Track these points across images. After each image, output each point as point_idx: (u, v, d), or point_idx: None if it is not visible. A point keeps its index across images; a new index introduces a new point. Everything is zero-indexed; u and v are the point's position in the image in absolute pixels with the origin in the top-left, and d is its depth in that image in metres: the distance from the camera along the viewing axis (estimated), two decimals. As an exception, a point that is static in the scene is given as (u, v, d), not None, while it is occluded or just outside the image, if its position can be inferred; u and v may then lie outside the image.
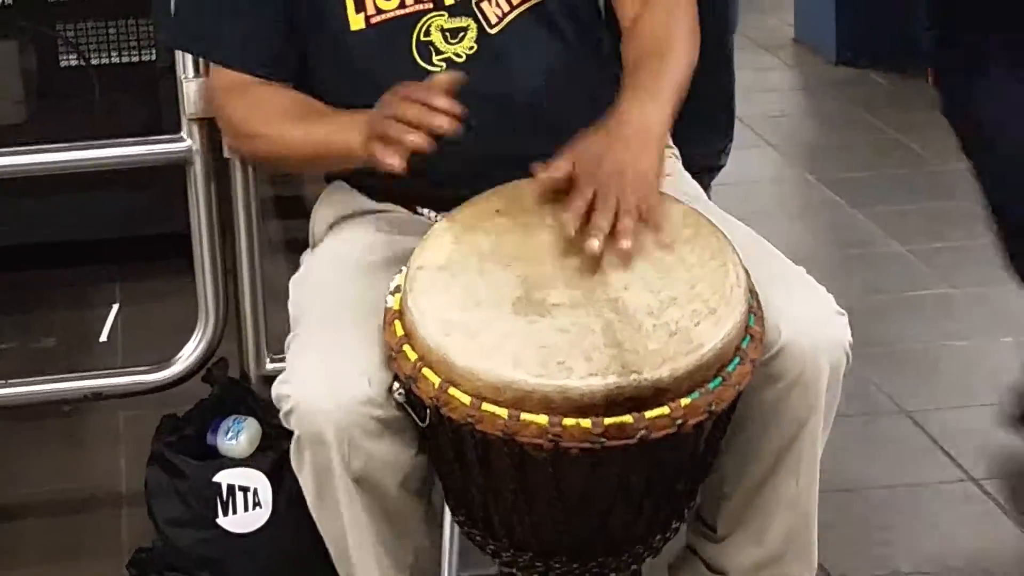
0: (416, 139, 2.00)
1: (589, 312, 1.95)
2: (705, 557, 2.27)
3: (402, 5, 2.25)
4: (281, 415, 2.10)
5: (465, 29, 2.25)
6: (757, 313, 2.03)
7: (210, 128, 2.78)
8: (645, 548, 2.12)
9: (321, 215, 2.43)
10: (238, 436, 2.74)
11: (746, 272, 2.04)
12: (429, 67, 2.24)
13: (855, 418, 3.30)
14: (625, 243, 2.01)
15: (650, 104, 2.15)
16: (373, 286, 2.12)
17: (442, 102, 2.02)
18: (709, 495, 2.24)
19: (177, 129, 2.83)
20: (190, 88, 2.76)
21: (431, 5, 2.25)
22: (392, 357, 2.00)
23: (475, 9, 2.26)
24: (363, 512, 2.10)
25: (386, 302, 2.05)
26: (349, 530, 2.12)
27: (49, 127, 3.82)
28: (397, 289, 2.05)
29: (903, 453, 3.22)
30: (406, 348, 1.98)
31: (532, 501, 2.01)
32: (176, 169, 2.88)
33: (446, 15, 2.25)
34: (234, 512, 2.70)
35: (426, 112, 2.02)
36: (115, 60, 3.98)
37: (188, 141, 2.82)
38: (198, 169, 2.83)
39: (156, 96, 3.67)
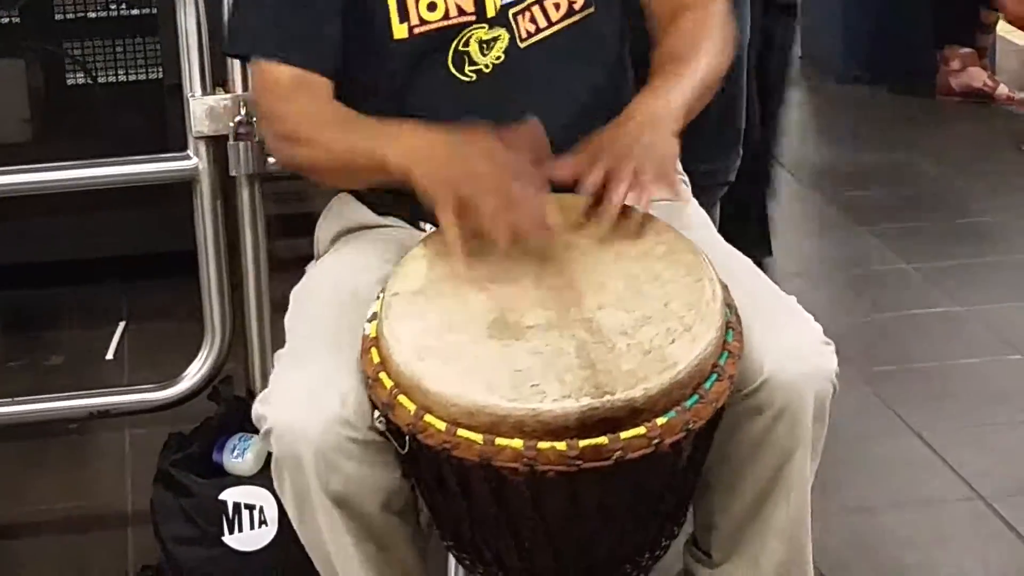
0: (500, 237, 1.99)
1: (563, 333, 1.93)
2: None
3: (446, 16, 2.24)
4: (260, 435, 2.08)
5: (497, 39, 2.25)
6: (736, 328, 2.00)
7: (216, 146, 2.78)
8: (634, 567, 2.10)
9: (325, 227, 2.41)
10: (244, 454, 2.74)
11: (724, 287, 2.02)
12: (462, 76, 2.24)
13: (862, 437, 3.29)
14: (644, 200, 2.02)
15: (659, 100, 2.17)
16: (361, 307, 2.09)
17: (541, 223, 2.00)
18: (701, 522, 2.23)
19: (184, 147, 2.83)
20: (197, 106, 2.76)
21: (474, 17, 2.24)
22: (369, 385, 1.98)
23: (510, 20, 2.25)
24: (345, 533, 2.07)
25: (364, 329, 2.03)
26: (333, 552, 2.10)
27: (56, 145, 3.84)
28: (374, 316, 2.03)
29: (911, 471, 3.21)
30: (382, 375, 1.96)
31: (515, 525, 1.99)
32: (182, 187, 2.88)
33: (486, 27, 2.24)
34: (240, 530, 2.69)
35: (514, 224, 1.98)
36: (122, 78, 3.98)
37: (195, 159, 2.82)
38: (204, 187, 2.82)
39: (162, 114, 3.68)
